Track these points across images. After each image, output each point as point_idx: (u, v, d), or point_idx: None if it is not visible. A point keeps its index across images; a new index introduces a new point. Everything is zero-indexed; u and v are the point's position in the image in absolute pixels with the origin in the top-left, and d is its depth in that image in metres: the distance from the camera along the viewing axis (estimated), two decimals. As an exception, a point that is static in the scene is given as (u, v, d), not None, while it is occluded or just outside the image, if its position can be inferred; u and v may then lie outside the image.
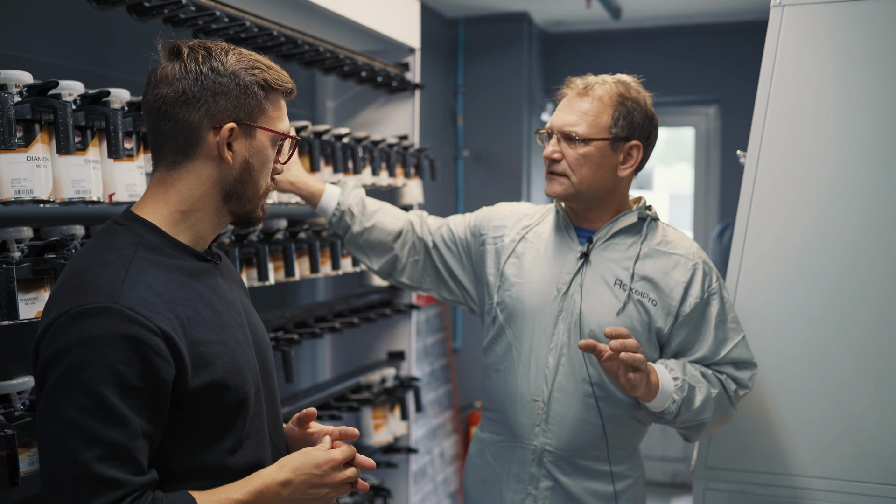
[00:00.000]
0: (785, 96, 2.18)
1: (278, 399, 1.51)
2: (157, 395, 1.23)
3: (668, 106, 5.51)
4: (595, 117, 1.87)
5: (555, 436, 1.91)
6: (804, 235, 2.17)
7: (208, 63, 1.33)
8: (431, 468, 4.32)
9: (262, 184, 1.40)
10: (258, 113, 1.36)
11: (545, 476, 1.92)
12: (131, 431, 1.19)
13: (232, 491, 1.29)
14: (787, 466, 2.18)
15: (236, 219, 1.42)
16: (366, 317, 3.04)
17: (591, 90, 1.89)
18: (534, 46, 5.13)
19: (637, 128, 1.91)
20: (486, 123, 5.04)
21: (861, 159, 2.14)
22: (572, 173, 1.88)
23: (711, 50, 5.10)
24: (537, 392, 1.91)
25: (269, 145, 1.39)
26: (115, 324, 1.19)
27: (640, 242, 1.94)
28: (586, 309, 1.89)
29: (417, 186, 3.30)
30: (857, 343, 2.13)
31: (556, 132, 1.89)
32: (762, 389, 2.19)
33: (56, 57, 2.18)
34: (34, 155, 1.55)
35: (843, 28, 2.16)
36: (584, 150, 1.87)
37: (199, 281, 1.35)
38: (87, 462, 1.16)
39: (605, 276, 1.91)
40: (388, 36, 3.11)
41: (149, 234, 1.33)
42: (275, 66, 1.39)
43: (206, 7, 2.10)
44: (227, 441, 1.33)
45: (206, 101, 1.32)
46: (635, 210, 1.97)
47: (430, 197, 4.65)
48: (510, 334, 1.95)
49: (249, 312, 1.47)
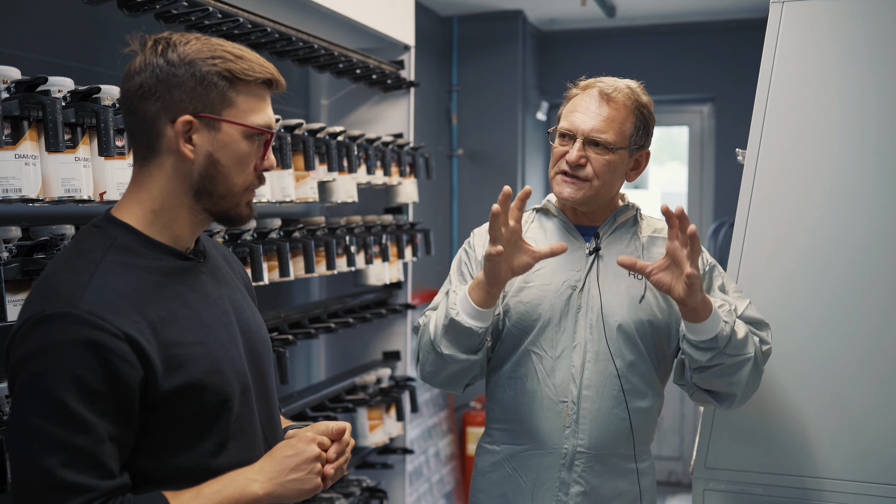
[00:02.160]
0: (785, 93, 2.16)
1: (274, 398, 1.48)
2: (123, 399, 1.21)
3: (663, 105, 5.49)
4: (621, 125, 1.87)
5: (587, 435, 1.88)
6: (804, 234, 2.15)
7: (165, 54, 1.27)
8: (427, 468, 4.29)
9: (237, 180, 1.32)
10: (222, 105, 1.28)
11: (576, 481, 1.89)
12: (97, 436, 1.18)
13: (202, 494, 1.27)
14: (788, 466, 2.16)
15: (215, 217, 1.36)
16: (361, 317, 3.02)
17: (613, 96, 1.87)
18: (528, 45, 5.11)
19: (649, 136, 1.95)
20: (481, 122, 5.02)
21: (862, 157, 2.12)
22: (596, 178, 1.87)
23: (705, 48, 5.09)
24: (564, 393, 1.88)
25: (240, 139, 1.30)
26: (75, 329, 1.18)
27: (638, 233, 1.96)
28: (606, 303, 1.89)
29: (412, 185, 3.27)
30: (858, 342, 2.11)
31: (582, 137, 1.87)
32: (762, 389, 2.17)
33: (47, 53, 2.15)
34: (22, 153, 1.52)
35: (843, 24, 2.14)
36: (610, 158, 1.86)
37: (176, 280, 1.31)
38: (50, 468, 1.16)
39: (618, 268, 1.90)
40: (383, 33, 3.08)
41: (123, 236, 1.29)
42: (247, 56, 1.31)
43: (198, 3, 2.07)
44: (209, 443, 1.30)
45: (160, 94, 1.27)
46: (629, 205, 1.99)
47: (424, 196, 4.63)
48: (526, 340, 1.91)
49: (242, 310, 1.43)
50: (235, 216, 1.36)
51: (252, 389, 1.38)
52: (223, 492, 1.29)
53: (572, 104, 1.90)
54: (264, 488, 1.32)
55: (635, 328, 1.89)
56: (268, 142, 1.35)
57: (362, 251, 2.86)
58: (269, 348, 1.49)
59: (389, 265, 3.12)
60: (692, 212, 5.39)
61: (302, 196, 2.49)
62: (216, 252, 1.48)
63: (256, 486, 1.31)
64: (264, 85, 1.33)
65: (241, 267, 1.56)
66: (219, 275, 1.42)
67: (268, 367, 1.46)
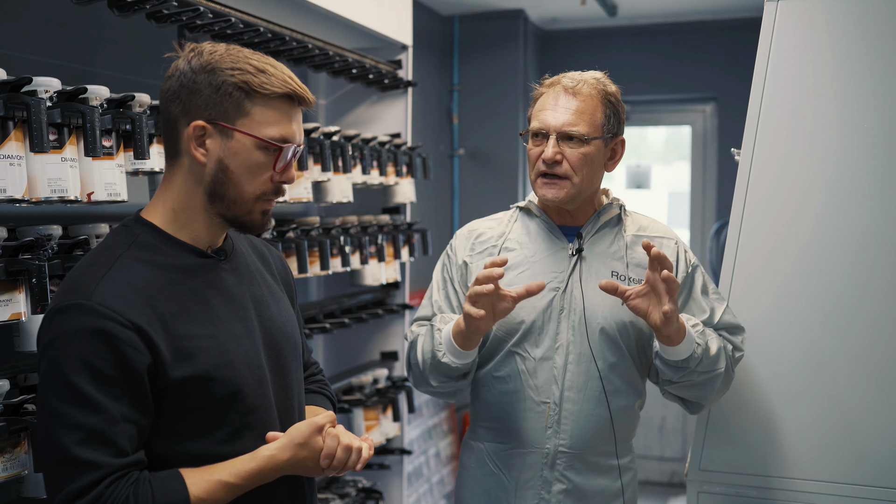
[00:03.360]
0: (779, 92, 2.14)
1: (296, 391, 1.52)
2: (135, 384, 1.28)
3: (665, 104, 5.47)
4: (591, 115, 1.86)
5: (568, 435, 1.89)
6: (800, 235, 2.13)
7: (192, 61, 1.36)
8: (427, 469, 4.28)
9: (248, 188, 1.37)
10: (236, 114, 1.35)
11: (558, 479, 1.90)
12: (109, 417, 1.25)
13: (224, 472, 1.34)
14: (783, 469, 2.14)
15: (229, 223, 1.41)
16: (357, 317, 3.01)
17: (579, 88, 1.86)
18: (529, 44, 5.09)
19: (621, 123, 1.93)
20: (482, 121, 5.01)
21: (858, 156, 2.10)
22: (574, 174, 1.86)
23: (708, 47, 5.07)
24: (547, 394, 1.89)
25: (252, 149, 1.36)
26: (86, 319, 1.26)
27: (622, 232, 1.96)
28: (590, 304, 1.89)
29: (410, 185, 3.26)
30: (854, 344, 2.09)
31: (555, 132, 1.85)
32: (757, 390, 2.16)
33: (39, 54, 2.14)
34: (7, 153, 1.52)
35: (838, 22, 2.12)
36: (585, 150, 1.85)
37: (193, 277, 1.38)
38: (66, 446, 1.24)
39: (601, 269, 1.91)
40: (380, 33, 3.07)
41: (145, 234, 1.37)
42: (270, 70, 1.36)
43: (189, 3, 2.07)
44: (220, 431, 1.36)
45: (182, 98, 1.35)
46: (613, 202, 1.98)
47: (425, 196, 4.62)
48: (510, 342, 1.91)
49: (266, 305, 1.48)
50: (248, 223, 1.42)
51: (269, 382, 1.44)
52: (237, 461, 1.36)
53: (540, 103, 1.90)
54: (274, 448, 1.38)
55: (618, 330, 1.89)
56: (281, 153, 1.38)
57: (357, 251, 2.85)
58: (294, 343, 1.54)
59: (386, 265, 3.11)
60: (695, 211, 5.37)
61: (296, 196, 2.49)
62: (250, 249, 1.54)
63: (267, 451, 1.38)
64: (286, 99, 1.38)
65: (281, 262, 1.63)
66: (243, 272, 1.48)
67: (290, 360, 1.51)
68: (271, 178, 1.39)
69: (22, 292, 1.56)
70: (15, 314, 1.55)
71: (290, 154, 1.39)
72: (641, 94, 5.22)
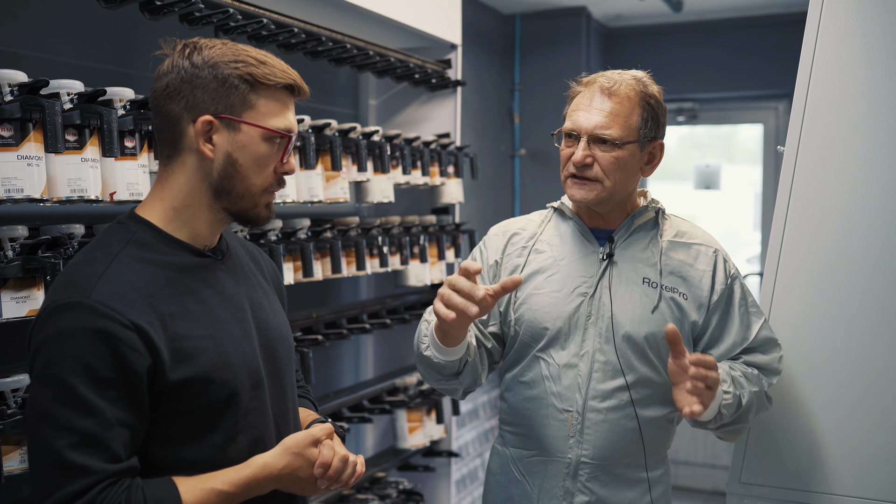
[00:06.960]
0: (824, 89, 2.03)
1: (290, 395, 1.50)
2: (133, 387, 1.24)
3: (735, 102, 5.30)
4: (626, 118, 1.79)
5: (591, 445, 1.82)
6: (844, 235, 2.02)
7: (191, 57, 1.33)
8: (483, 472, 4.24)
9: (255, 181, 1.36)
10: (242, 107, 1.33)
11: (581, 490, 1.83)
12: (104, 421, 1.22)
13: (217, 480, 1.31)
14: (827, 485, 2.03)
15: (234, 217, 1.39)
16: (401, 318, 2.99)
17: (615, 89, 1.79)
18: (592, 42, 5.00)
19: (661, 126, 1.85)
20: (544, 121, 4.93)
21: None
22: (606, 178, 1.79)
23: (779, 42, 4.86)
24: (569, 402, 1.83)
25: (259, 141, 1.35)
26: (86, 318, 1.22)
27: (658, 237, 1.87)
28: (618, 311, 1.82)
29: (457, 185, 3.23)
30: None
31: (586, 135, 1.79)
32: (800, 401, 2.05)
33: (70, 56, 2.20)
34: (25, 153, 1.56)
35: (885, 17, 1.99)
36: (617, 154, 1.78)
37: (191, 276, 1.35)
38: (59, 450, 1.20)
39: (632, 275, 1.84)
40: (428, 32, 3.06)
41: (142, 232, 1.34)
42: (270, 62, 1.35)
43: (219, 4, 2.09)
44: (217, 436, 1.33)
45: (184, 95, 1.32)
46: (649, 205, 1.89)
47: (484, 197, 4.59)
48: (535, 346, 1.86)
49: (261, 308, 1.45)
50: (254, 216, 1.39)
51: (266, 385, 1.41)
52: (231, 470, 1.33)
53: (575, 102, 1.83)
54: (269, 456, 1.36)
55: (646, 339, 1.81)
56: (289, 144, 1.38)
57: (398, 252, 2.83)
58: (289, 346, 1.51)
59: (431, 266, 3.08)
60: (766, 212, 5.17)
61: (332, 196, 2.48)
62: (243, 251, 1.52)
63: (261, 459, 1.36)
64: (286, 90, 1.38)
65: (272, 267, 1.60)
66: (239, 273, 1.45)
67: (285, 364, 1.49)
68: (275, 170, 1.38)
69: (41, 289, 1.60)
70: (32, 310, 1.59)
71: (291, 145, 1.39)
72: (710, 91, 5.06)
